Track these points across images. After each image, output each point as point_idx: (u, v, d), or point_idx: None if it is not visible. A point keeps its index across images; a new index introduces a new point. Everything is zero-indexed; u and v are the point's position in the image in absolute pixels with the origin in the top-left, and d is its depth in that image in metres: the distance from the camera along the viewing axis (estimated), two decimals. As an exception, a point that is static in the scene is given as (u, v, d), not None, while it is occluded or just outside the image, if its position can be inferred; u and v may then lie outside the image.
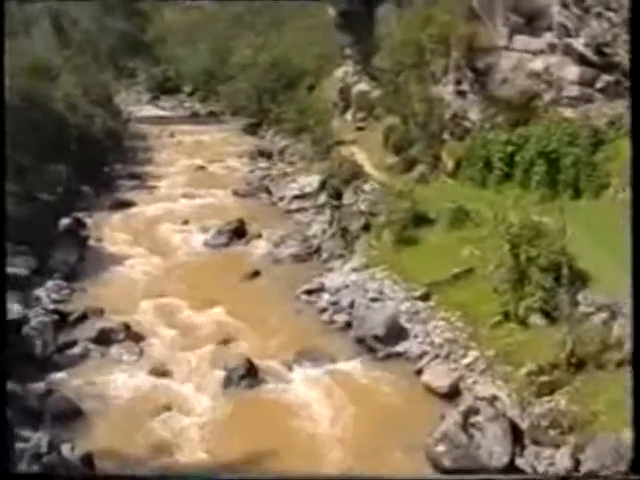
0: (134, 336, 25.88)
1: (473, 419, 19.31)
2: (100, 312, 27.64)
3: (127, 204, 41.61)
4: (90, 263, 32.55)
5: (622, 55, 26.53)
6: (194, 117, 71.59)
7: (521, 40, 31.46)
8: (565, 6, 28.61)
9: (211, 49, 75.94)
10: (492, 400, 20.09)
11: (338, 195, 35.89)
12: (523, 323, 22.26)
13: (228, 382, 22.95)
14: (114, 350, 25.16)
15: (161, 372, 23.82)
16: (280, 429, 20.77)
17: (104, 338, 25.55)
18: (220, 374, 23.28)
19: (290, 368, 23.88)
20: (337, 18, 49.76)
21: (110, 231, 37.01)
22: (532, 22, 30.93)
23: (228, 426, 21.12)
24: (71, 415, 21.38)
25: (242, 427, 20.99)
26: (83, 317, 27.21)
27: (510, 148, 30.87)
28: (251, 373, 23.14)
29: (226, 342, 25.53)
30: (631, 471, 9.27)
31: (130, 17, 76.59)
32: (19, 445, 17.77)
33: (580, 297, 21.34)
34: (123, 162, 50.85)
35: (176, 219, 38.87)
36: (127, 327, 26.08)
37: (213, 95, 73.75)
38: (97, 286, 30.35)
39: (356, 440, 20.18)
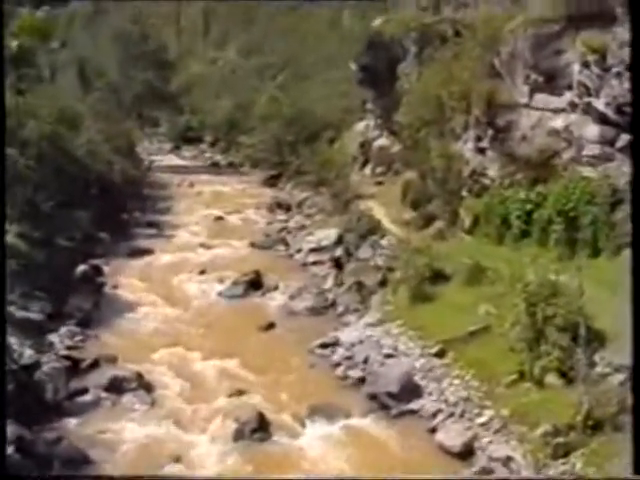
0: (146, 385, 25.69)
1: (486, 480, 19.00)
2: (113, 360, 27.57)
3: (144, 252, 41.61)
4: (105, 310, 32.47)
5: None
6: (214, 167, 71.68)
7: (541, 98, 31.49)
8: (585, 65, 28.65)
9: (234, 100, 76.41)
10: (506, 461, 19.77)
11: (354, 249, 35.80)
12: (539, 383, 21.96)
13: (239, 435, 22.69)
14: (125, 399, 24.94)
15: (172, 422, 23.59)
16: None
17: (116, 386, 25.35)
18: (231, 426, 23.02)
19: (302, 423, 23.60)
20: (359, 73, 50.07)
21: (126, 279, 36.96)
22: (552, 81, 30.98)
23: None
24: (80, 463, 21.14)
25: (251, 481, 20.76)
26: (95, 364, 27.10)
27: (528, 206, 30.70)
28: (263, 427, 22.87)
29: (238, 394, 25.30)
30: (633, 472, 9.02)
31: (155, 68, 77.52)
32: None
33: (597, 358, 21.07)
34: (142, 210, 51.03)
35: (193, 269, 38.79)
36: (139, 376, 25.90)
37: (234, 146, 73.86)
38: (111, 334, 30.27)
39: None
